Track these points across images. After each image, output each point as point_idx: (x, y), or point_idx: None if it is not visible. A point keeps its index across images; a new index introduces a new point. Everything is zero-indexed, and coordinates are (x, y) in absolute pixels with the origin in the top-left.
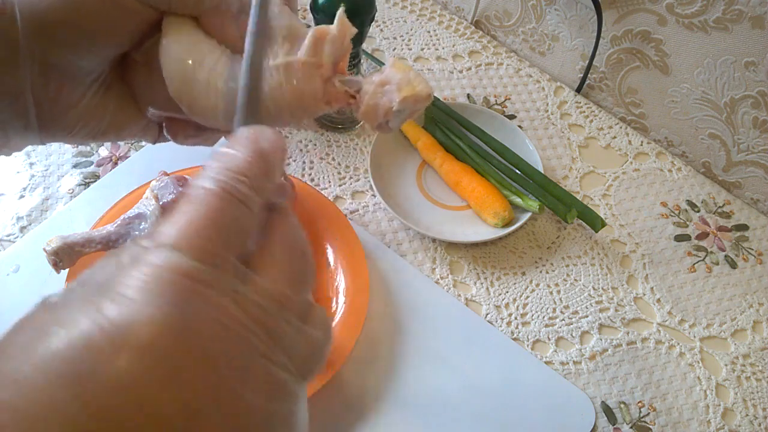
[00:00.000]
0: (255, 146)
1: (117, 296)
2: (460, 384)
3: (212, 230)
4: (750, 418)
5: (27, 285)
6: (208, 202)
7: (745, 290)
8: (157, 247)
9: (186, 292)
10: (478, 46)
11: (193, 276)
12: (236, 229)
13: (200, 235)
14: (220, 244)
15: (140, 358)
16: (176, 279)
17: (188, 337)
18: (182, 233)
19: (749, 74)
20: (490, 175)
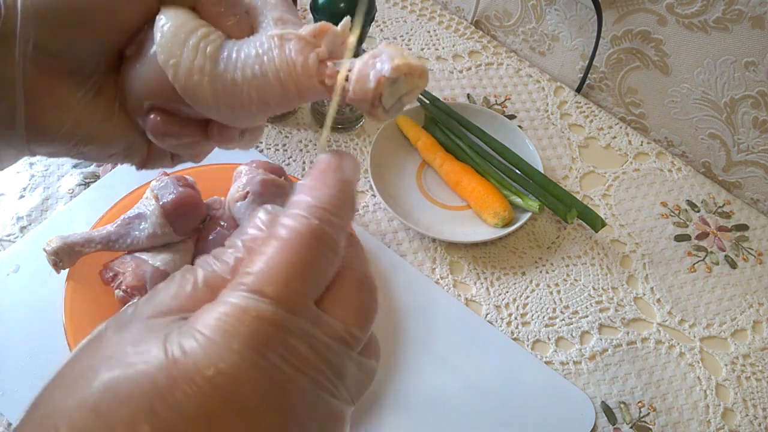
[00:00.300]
0: (341, 178)
1: (196, 332)
2: (460, 384)
3: (299, 280)
4: (750, 418)
5: (27, 285)
6: (299, 249)
7: (745, 290)
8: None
9: (267, 338)
10: (478, 46)
11: (273, 322)
12: (321, 275)
13: (288, 285)
14: (304, 292)
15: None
16: (259, 324)
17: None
18: (269, 280)
19: (749, 74)
20: (490, 175)
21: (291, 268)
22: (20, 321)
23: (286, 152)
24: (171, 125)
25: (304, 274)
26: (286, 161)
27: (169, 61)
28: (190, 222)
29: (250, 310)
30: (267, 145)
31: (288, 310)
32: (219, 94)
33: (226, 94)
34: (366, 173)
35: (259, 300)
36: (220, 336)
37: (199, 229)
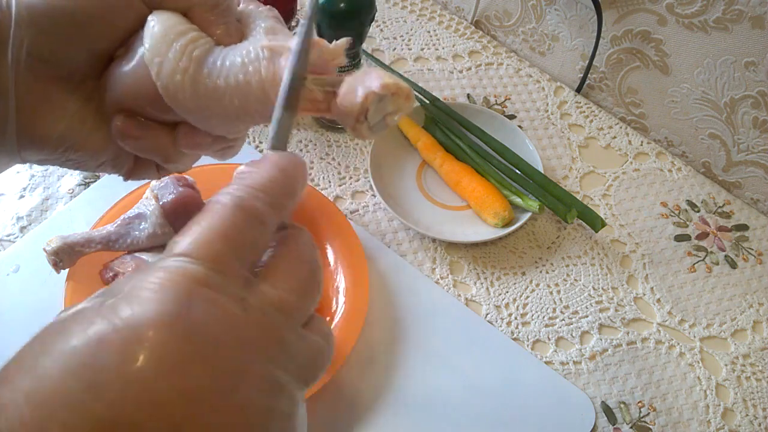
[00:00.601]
0: (277, 167)
1: (131, 298)
2: (460, 384)
3: (223, 242)
4: (750, 418)
5: (27, 285)
6: (222, 216)
7: (745, 290)
8: (170, 256)
9: (194, 294)
10: (478, 46)
11: (202, 281)
12: (247, 242)
13: (211, 245)
14: (230, 254)
15: (146, 352)
16: (185, 282)
17: (192, 333)
18: (195, 243)
19: (749, 74)
20: (490, 175)
21: (214, 232)
22: (20, 321)
23: None
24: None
25: (228, 237)
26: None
27: (154, 59)
28: None
29: (178, 271)
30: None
31: (215, 271)
32: (200, 96)
33: (208, 98)
34: (366, 173)
35: (188, 261)
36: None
37: None
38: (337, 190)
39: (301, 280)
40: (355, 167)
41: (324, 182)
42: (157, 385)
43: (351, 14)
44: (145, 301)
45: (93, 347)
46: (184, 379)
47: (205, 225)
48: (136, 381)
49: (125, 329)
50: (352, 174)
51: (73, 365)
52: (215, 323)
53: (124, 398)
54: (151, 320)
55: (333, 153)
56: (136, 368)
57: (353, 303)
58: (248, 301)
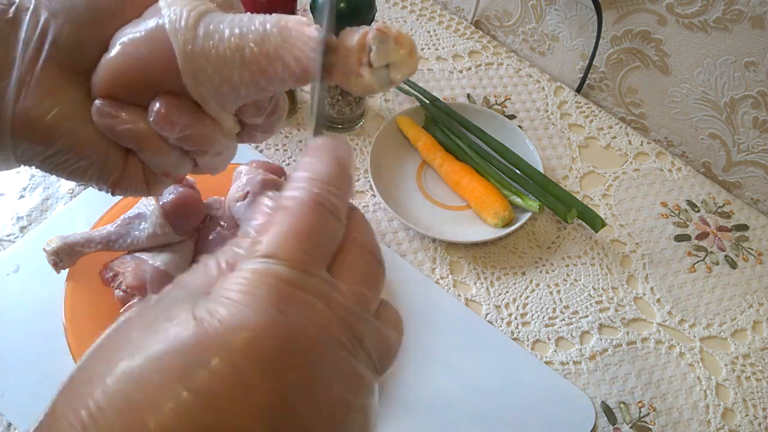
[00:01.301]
0: (335, 156)
1: (221, 299)
2: (460, 384)
3: (307, 242)
4: (750, 418)
5: (27, 285)
6: (303, 214)
7: (745, 290)
8: (255, 257)
9: (287, 296)
10: (478, 46)
11: (291, 282)
12: (327, 239)
13: (297, 246)
14: (313, 253)
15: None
16: (277, 284)
17: (289, 336)
18: (280, 244)
19: (749, 74)
20: (490, 175)
21: (299, 232)
22: (20, 321)
23: (286, 152)
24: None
25: (311, 237)
26: (286, 161)
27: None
28: (190, 222)
29: (267, 272)
30: (267, 145)
31: (302, 271)
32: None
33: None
34: (366, 173)
35: (274, 263)
36: (242, 298)
37: (199, 229)
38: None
39: (370, 270)
40: (355, 167)
41: None
42: (261, 390)
43: (351, 14)
44: (240, 305)
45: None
46: (284, 382)
47: (286, 224)
48: (240, 387)
49: (221, 330)
50: None
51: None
52: (309, 324)
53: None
54: (250, 325)
55: None
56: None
57: None
58: (331, 297)
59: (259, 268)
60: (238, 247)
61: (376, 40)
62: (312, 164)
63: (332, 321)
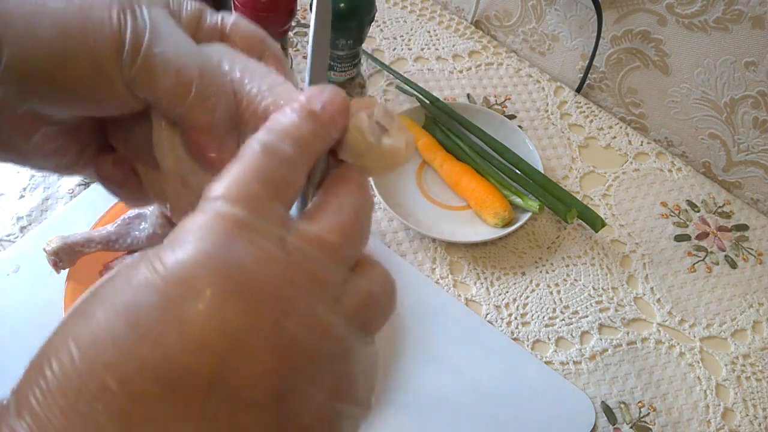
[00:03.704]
0: (305, 108)
1: (172, 243)
2: (460, 384)
3: (254, 182)
4: (750, 418)
5: (27, 285)
6: (250, 159)
7: (745, 290)
8: (205, 201)
9: (231, 235)
10: (478, 46)
11: (236, 220)
12: (279, 182)
13: (244, 186)
14: (264, 194)
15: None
16: (222, 223)
17: (230, 273)
18: (227, 186)
19: (749, 74)
20: (490, 175)
21: (245, 174)
22: (20, 321)
23: None
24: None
25: (258, 177)
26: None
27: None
28: None
29: (212, 213)
30: None
31: (250, 211)
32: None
33: None
34: None
35: (221, 203)
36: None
37: None
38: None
39: (344, 219)
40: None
41: None
42: (199, 326)
43: (351, 14)
44: (184, 244)
45: (137, 291)
46: (224, 318)
47: (235, 169)
48: (178, 322)
49: (165, 272)
50: None
51: (119, 309)
52: (253, 263)
53: (167, 339)
54: (189, 262)
55: None
56: (177, 309)
57: None
58: (287, 240)
59: (207, 209)
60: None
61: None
62: (273, 119)
63: (285, 262)
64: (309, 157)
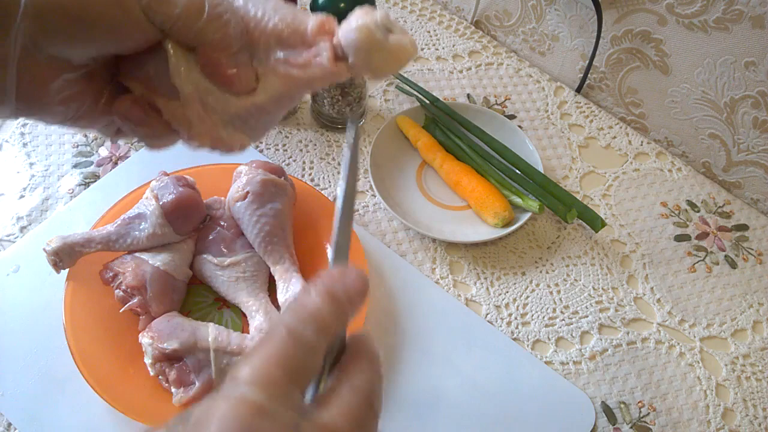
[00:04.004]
0: (330, 292)
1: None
2: (460, 384)
3: (278, 369)
4: (750, 418)
5: (27, 285)
6: (276, 344)
7: (745, 290)
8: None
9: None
10: (478, 46)
11: (257, 407)
12: (300, 368)
13: (265, 371)
14: (284, 381)
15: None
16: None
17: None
18: (251, 370)
19: (749, 74)
20: (490, 175)
21: (270, 359)
22: (20, 321)
23: (286, 152)
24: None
25: (280, 365)
26: (286, 161)
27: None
28: (190, 222)
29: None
30: (267, 145)
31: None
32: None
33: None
34: (366, 173)
35: (245, 388)
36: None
37: (199, 229)
38: (337, 190)
39: (355, 408)
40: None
41: (324, 182)
42: None
43: None
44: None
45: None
46: None
47: (263, 353)
48: None
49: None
50: None
51: None
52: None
53: None
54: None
55: (333, 153)
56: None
57: None
58: (301, 427)
59: (233, 395)
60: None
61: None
62: (299, 301)
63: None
64: (328, 339)
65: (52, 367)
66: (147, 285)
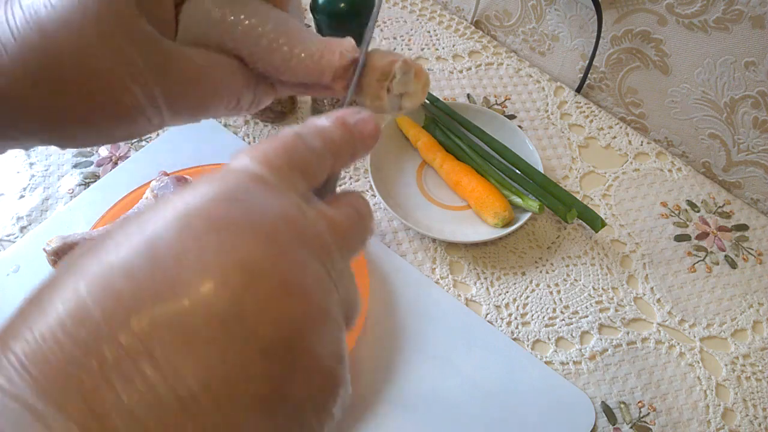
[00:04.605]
0: (341, 119)
1: (195, 186)
2: (460, 384)
3: (283, 156)
4: (750, 418)
5: (27, 285)
6: (282, 139)
7: (745, 290)
8: (232, 160)
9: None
10: (478, 46)
11: (260, 178)
12: (304, 165)
13: (271, 154)
14: (289, 165)
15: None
16: (246, 175)
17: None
18: (255, 150)
19: (749, 74)
20: (490, 175)
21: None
22: None
23: None
24: None
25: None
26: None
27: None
28: None
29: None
30: None
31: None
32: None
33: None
34: (366, 173)
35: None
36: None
37: None
38: (337, 190)
39: (353, 216)
40: (355, 167)
41: None
42: (218, 259)
43: (351, 14)
44: (208, 184)
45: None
46: (243, 251)
47: (266, 142)
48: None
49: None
50: (352, 174)
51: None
52: (272, 211)
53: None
54: (213, 199)
55: None
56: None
57: None
58: (305, 208)
59: (231, 165)
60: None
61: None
62: (317, 118)
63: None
64: (333, 159)
65: None
66: None
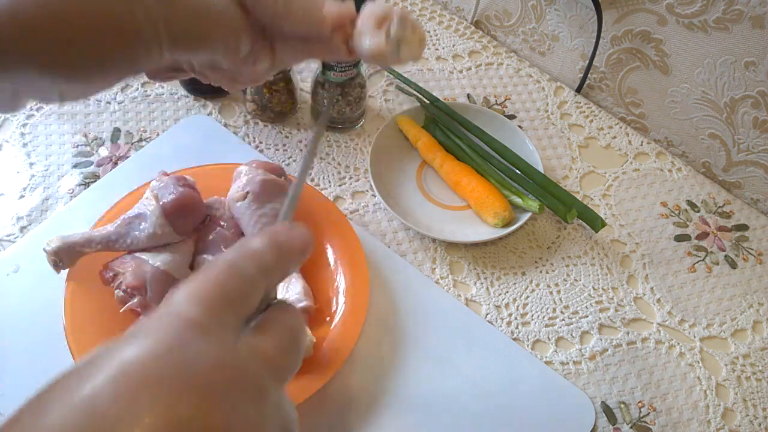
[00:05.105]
0: (273, 238)
1: (131, 338)
2: (460, 384)
3: (215, 292)
4: (750, 418)
5: (27, 285)
6: (215, 272)
7: (745, 290)
8: (167, 301)
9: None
10: (478, 46)
11: (195, 322)
12: (237, 297)
13: (203, 293)
14: (222, 303)
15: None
16: (179, 322)
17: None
18: (190, 290)
19: (749, 74)
20: (490, 175)
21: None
22: (20, 321)
23: (286, 152)
24: None
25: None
26: (286, 161)
27: None
28: (190, 222)
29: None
30: (267, 145)
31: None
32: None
33: None
34: (366, 173)
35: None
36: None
37: (199, 229)
38: (337, 190)
39: (284, 342)
40: (355, 167)
41: (324, 182)
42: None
43: None
44: (143, 338)
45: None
46: (176, 408)
47: (200, 277)
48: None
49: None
50: (352, 174)
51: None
52: (205, 361)
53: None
54: (147, 356)
55: (333, 153)
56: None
57: (353, 303)
58: (237, 347)
59: (168, 310)
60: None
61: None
62: (245, 241)
63: (234, 367)
64: (267, 283)
65: (52, 367)
66: (147, 285)
